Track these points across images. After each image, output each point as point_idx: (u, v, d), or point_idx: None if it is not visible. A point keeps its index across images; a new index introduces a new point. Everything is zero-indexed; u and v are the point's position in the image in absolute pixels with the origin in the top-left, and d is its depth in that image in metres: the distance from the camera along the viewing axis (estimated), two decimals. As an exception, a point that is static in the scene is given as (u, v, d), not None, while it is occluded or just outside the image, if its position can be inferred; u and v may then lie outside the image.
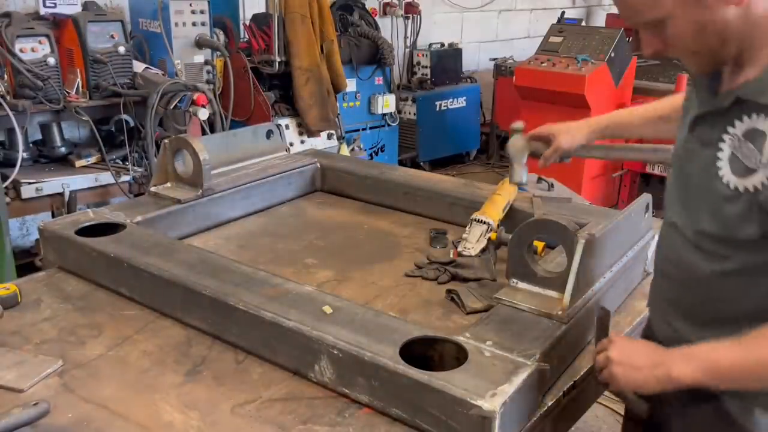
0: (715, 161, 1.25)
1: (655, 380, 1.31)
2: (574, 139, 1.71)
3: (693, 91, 1.39)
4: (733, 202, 1.22)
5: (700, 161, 1.30)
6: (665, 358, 1.32)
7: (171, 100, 3.67)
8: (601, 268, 1.70)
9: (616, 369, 1.36)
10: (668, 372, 1.29)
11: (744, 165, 1.19)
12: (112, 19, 3.82)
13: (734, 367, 1.25)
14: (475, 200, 2.24)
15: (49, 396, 1.43)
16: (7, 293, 1.79)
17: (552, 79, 5.28)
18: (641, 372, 1.33)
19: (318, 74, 4.63)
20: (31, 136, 3.88)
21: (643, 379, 1.34)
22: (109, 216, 2.10)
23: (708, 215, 1.28)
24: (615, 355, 1.37)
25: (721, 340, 1.26)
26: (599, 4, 9.04)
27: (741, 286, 1.29)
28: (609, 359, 1.38)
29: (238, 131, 2.69)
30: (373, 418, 1.38)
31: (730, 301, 1.31)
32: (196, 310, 1.68)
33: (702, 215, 1.30)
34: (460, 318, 1.77)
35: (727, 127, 1.23)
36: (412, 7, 6.57)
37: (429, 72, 6.50)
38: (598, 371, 1.44)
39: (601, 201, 5.41)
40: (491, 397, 1.25)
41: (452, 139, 6.77)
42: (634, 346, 1.40)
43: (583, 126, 1.73)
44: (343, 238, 2.31)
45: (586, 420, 3.02)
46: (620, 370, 1.36)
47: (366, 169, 2.68)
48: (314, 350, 1.46)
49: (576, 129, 1.73)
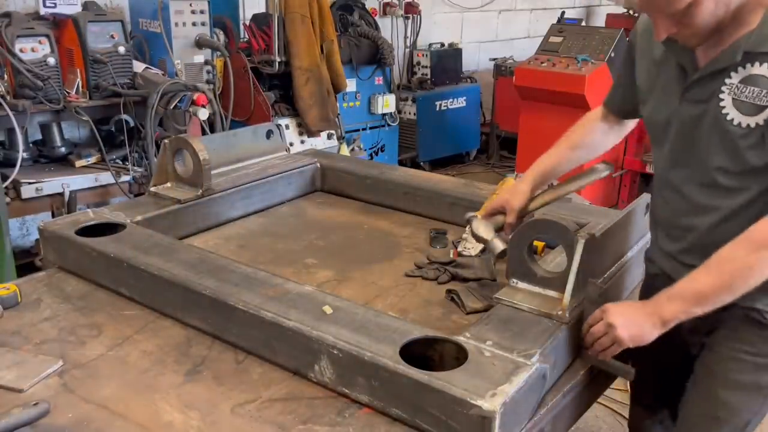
0: (719, 110, 1.46)
1: (653, 327, 1.50)
2: (522, 195, 1.79)
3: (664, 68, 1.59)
4: (747, 137, 1.43)
5: (704, 116, 1.50)
6: (654, 306, 1.51)
7: (171, 100, 3.67)
8: (601, 268, 1.70)
9: (620, 331, 1.50)
10: (661, 316, 1.49)
11: (752, 105, 1.41)
12: (112, 19, 3.81)
13: (715, 287, 1.45)
14: (475, 200, 2.24)
15: (49, 396, 1.43)
16: (7, 293, 1.79)
17: (552, 79, 5.28)
18: (640, 326, 1.50)
19: (318, 74, 4.63)
20: (31, 136, 3.87)
21: (642, 331, 1.50)
22: (109, 216, 2.10)
23: (723, 155, 1.48)
24: (615, 320, 1.50)
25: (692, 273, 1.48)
26: (599, 4, 9.04)
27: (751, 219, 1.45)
28: (610, 325, 1.51)
29: (238, 131, 2.69)
30: (373, 418, 1.39)
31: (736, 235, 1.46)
32: (196, 310, 1.68)
33: (715, 157, 1.49)
34: (460, 318, 1.77)
35: (725, 79, 1.45)
36: (412, 7, 6.56)
37: (429, 72, 6.49)
38: (590, 344, 1.55)
39: (601, 201, 5.40)
40: (491, 397, 1.25)
41: (452, 139, 6.76)
42: (626, 307, 1.56)
43: (524, 183, 1.82)
44: (343, 238, 2.31)
45: (586, 420, 3.02)
46: (623, 331, 1.49)
47: (366, 169, 2.68)
48: (314, 350, 1.46)
49: (519, 186, 1.82)
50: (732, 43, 1.44)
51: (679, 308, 1.48)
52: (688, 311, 1.48)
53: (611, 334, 1.51)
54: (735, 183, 1.49)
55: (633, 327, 1.50)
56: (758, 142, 1.42)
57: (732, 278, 1.44)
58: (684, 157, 1.58)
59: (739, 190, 1.49)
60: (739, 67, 1.43)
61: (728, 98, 1.45)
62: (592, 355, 1.58)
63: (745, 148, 1.44)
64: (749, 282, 1.43)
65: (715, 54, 1.47)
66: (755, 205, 1.48)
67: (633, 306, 1.57)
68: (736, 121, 1.44)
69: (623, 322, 1.50)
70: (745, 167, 1.46)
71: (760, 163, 1.44)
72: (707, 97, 1.50)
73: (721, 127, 1.47)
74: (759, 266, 1.42)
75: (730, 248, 1.44)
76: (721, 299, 1.47)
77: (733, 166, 1.48)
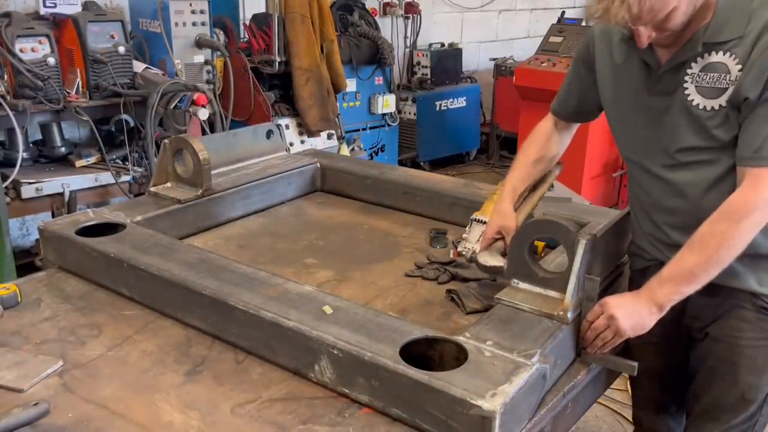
0: (685, 98, 1.59)
1: (650, 313, 1.56)
2: (512, 215, 1.83)
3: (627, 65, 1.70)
4: (713, 118, 1.56)
5: (672, 105, 1.62)
6: (647, 293, 1.57)
7: (171, 100, 3.67)
8: (602, 267, 1.70)
9: (621, 322, 1.54)
10: (656, 300, 1.55)
11: (714, 89, 1.55)
12: (112, 19, 3.81)
13: (701, 264, 1.53)
14: (475, 200, 2.24)
15: (49, 396, 1.43)
16: (7, 293, 1.79)
17: (552, 79, 5.27)
18: (639, 313, 1.56)
19: (318, 74, 4.63)
20: (31, 136, 3.87)
21: (642, 319, 1.56)
22: (109, 216, 2.10)
23: (693, 135, 1.60)
24: (615, 312, 1.55)
25: (677, 255, 1.56)
26: (599, 4, 9.02)
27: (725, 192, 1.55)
28: (611, 317, 1.55)
29: (238, 131, 2.69)
30: (373, 418, 1.38)
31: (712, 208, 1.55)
32: (196, 310, 1.68)
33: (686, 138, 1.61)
34: (460, 318, 1.77)
35: (686, 70, 1.58)
36: (412, 7, 6.56)
37: (429, 72, 6.49)
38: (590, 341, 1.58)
39: (601, 201, 5.40)
40: (491, 397, 1.25)
41: (452, 139, 6.76)
42: (622, 298, 1.61)
43: (504, 201, 1.87)
44: (343, 238, 2.31)
45: (586, 420, 3.02)
46: (624, 322, 1.54)
47: (366, 169, 2.68)
48: (314, 350, 1.46)
49: (504, 208, 1.86)
50: (690, 37, 1.56)
51: (671, 290, 1.55)
52: (680, 291, 1.55)
53: (613, 327, 1.55)
54: (706, 157, 1.60)
55: (633, 316, 1.56)
56: (723, 120, 1.56)
57: (717, 253, 1.52)
58: (657, 145, 1.68)
59: (711, 163, 1.60)
60: (698, 57, 1.57)
61: (692, 86, 1.58)
62: (594, 351, 1.59)
63: (713, 127, 1.57)
64: (733, 252, 1.52)
65: (676, 48, 1.59)
66: (730, 176, 1.58)
67: (628, 296, 1.62)
68: (701, 105, 1.57)
69: (623, 313, 1.55)
70: (714, 144, 1.58)
71: (728, 138, 1.56)
72: (673, 87, 1.61)
73: (689, 112, 1.59)
74: (740, 236, 1.51)
75: (709, 224, 1.53)
76: (710, 273, 1.54)
77: (704, 144, 1.59)
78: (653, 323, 1.57)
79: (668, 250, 1.67)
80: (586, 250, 1.53)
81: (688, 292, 1.56)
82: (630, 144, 1.78)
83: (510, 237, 1.75)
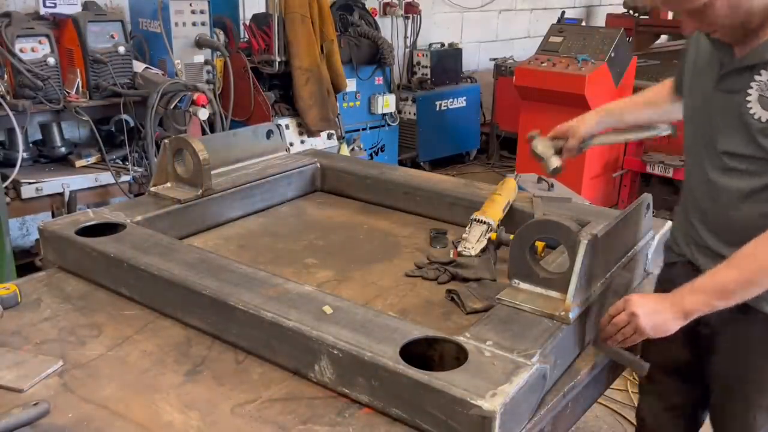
0: (745, 103, 1.56)
1: (674, 318, 1.55)
2: (590, 123, 1.90)
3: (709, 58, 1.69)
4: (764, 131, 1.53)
5: (729, 106, 1.60)
6: (676, 297, 1.56)
7: (171, 100, 3.67)
8: (603, 268, 1.70)
9: (643, 320, 1.54)
10: (682, 307, 1.54)
11: None
12: (112, 19, 3.81)
13: (738, 282, 1.52)
14: (475, 200, 2.24)
15: (49, 396, 1.43)
16: (7, 293, 1.79)
17: (552, 79, 5.28)
18: (662, 315, 1.55)
19: (318, 74, 4.63)
20: (31, 136, 3.88)
21: (665, 321, 1.55)
22: (109, 216, 2.09)
23: (738, 141, 1.58)
24: (637, 309, 1.54)
25: (715, 268, 1.55)
26: (599, 4, 9.04)
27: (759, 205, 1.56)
28: (633, 314, 1.55)
29: (238, 131, 2.69)
30: (373, 418, 1.38)
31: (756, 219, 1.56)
32: (196, 310, 1.68)
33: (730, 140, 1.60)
34: (460, 318, 1.77)
35: (754, 76, 1.54)
36: (412, 7, 6.56)
37: (429, 72, 6.49)
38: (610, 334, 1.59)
39: (601, 201, 5.40)
40: (491, 397, 1.25)
41: (452, 139, 6.77)
42: (648, 298, 1.61)
43: (593, 115, 1.93)
44: (343, 238, 2.31)
45: (586, 420, 3.02)
46: (646, 320, 1.54)
47: (366, 169, 2.68)
48: (314, 350, 1.45)
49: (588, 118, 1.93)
50: (762, 43, 1.53)
51: (701, 300, 1.54)
52: (710, 304, 1.54)
53: (633, 323, 1.55)
54: (750, 167, 1.58)
55: (656, 317, 1.55)
56: None
57: (756, 274, 1.51)
58: (710, 143, 1.68)
59: (753, 174, 1.58)
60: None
61: (755, 93, 1.55)
62: (611, 345, 1.60)
63: (762, 139, 1.54)
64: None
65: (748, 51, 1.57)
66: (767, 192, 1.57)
67: (655, 297, 1.62)
68: (757, 115, 1.54)
69: (646, 311, 1.54)
70: (762, 155, 1.55)
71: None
72: (738, 89, 1.59)
73: (743, 118, 1.57)
74: None
75: (754, 245, 1.51)
76: (746, 293, 1.53)
77: (750, 153, 1.57)
78: (677, 328, 1.57)
79: (697, 250, 1.69)
80: (587, 251, 1.53)
81: (718, 306, 1.55)
82: (690, 136, 1.79)
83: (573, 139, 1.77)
